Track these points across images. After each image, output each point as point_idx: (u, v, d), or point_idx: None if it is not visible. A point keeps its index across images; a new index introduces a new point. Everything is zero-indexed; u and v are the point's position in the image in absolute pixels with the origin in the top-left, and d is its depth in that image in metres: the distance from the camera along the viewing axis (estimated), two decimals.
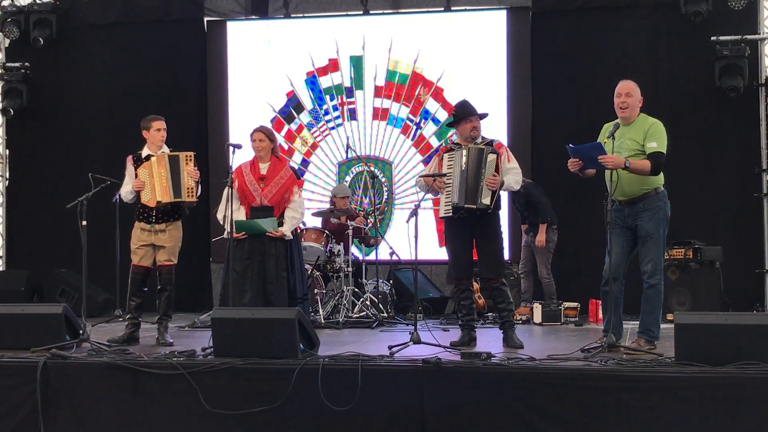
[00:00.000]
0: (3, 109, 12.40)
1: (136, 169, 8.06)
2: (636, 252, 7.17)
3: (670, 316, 8.85)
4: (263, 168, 8.27)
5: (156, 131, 8.11)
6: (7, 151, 12.82)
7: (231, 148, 7.83)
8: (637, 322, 7.25)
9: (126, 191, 8.11)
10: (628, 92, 7.11)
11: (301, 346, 6.51)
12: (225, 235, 8.17)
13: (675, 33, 11.35)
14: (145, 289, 8.13)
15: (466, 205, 7.48)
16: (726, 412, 5.66)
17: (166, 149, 8.13)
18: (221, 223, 8.27)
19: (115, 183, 8.09)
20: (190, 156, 8.00)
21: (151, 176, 7.96)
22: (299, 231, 9.66)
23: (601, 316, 9.42)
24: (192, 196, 7.97)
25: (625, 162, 6.83)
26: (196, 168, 7.99)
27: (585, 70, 11.49)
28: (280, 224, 8.19)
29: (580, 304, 10.27)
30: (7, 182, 12.82)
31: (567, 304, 10.12)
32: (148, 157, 8.06)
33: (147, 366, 6.43)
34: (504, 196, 8.98)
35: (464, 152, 7.55)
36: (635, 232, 7.08)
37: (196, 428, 6.29)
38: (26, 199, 12.71)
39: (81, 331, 7.27)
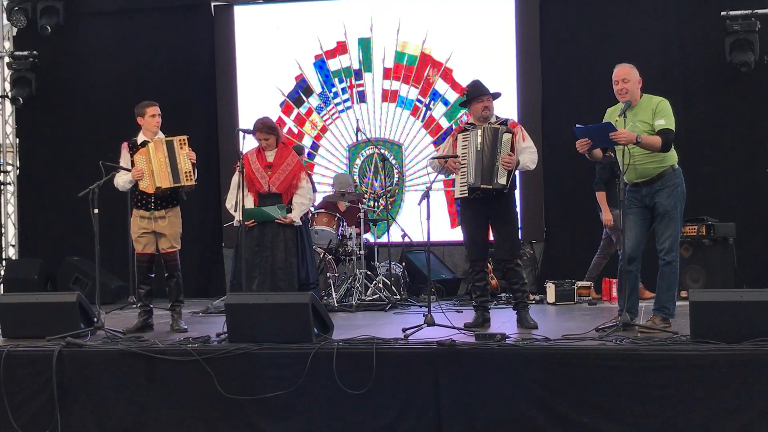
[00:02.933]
0: (12, 98, 12.43)
1: (132, 156, 8.00)
2: (653, 230, 7.14)
3: (684, 294, 8.82)
4: (270, 156, 8.26)
5: (150, 117, 8.00)
6: (18, 140, 12.85)
7: (241, 134, 7.80)
8: (651, 301, 7.22)
9: (124, 180, 7.97)
10: (624, 77, 7.02)
11: (315, 330, 6.51)
12: (234, 223, 8.16)
13: (685, 8, 11.28)
14: (152, 275, 8.08)
15: (482, 186, 7.43)
16: (742, 389, 5.64)
17: (161, 135, 8.02)
18: (230, 211, 8.26)
19: (127, 171, 8.03)
20: (184, 140, 7.91)
21: (148, 162, 7.86)
22: (310, 215, 9.69)
23: (615, 294, 9.46)
24: (190, 179, 7.88)
25: (637, 137, 6.79)
26: (191, 150, 7.93)
27: (595, 47, 11.42)
28: (289, 211, 8.18)
29: (593, 282, 10.25)
30: (18, 171, 12.85)
31: (580, 284, 10.08)
32: (143, 144, 7.97)
33: (162, 353, 6.44)
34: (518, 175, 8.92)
35: (479, 132, 7.50)
36: (653, 210, 7.04)
37: (212, 414, 6.30)
38: (38, 188, 12.73)
39: (95, 319, 7.27)
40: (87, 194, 7.42)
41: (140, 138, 8.05)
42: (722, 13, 10.88)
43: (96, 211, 7.38)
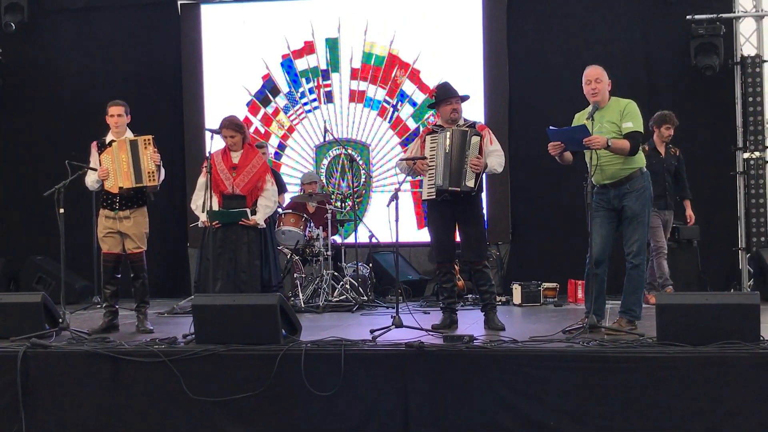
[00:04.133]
0: None
1: (100, 155, 7.94)
2: (620, 232, 7.18)
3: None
4: (235, 157, 8.19)
5: (110, 117, 7.94)
6: None
7: (209, 134, 7.74)
8: (618, 303, 7.27)
9: (92, 180, 7.93)
10: (597, 78, 7.07)
11: (283, 331, 6.48)
12: (199, 224, 8.13)
13: (651, 12, 11.38)
14: (118, 275, 8.02)
15: (450, 188, 7.45)
16: (708, 391, 5.68)
17: (129, 134, 7.97)
18: (195, 212, 8.20)
19: (94, 170, 7.95)
20: (149, 139, 7.86)
21: (113, 162, 7.82)
22: (278, 215, 9.66)
23: (581, 296, 9.50)
24: (153, 180, 7.82)
25: (608, 141, 6.83)
26: (156, 151, 7.86)
27: (561, 50, 11.49)
28: (253, 213, 8.14)
29: (559, 284, 10.29)
30: None
31: (546, 285, 10.13)
32: (111, 143, 7.92)
33: (128, 354, 6.38)
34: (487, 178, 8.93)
35: (448, 135, 7.51)
36: (620, 213, 7.08)
37: (179, 416, 6.25)
38: (1, 186, 12.58)
39: (60, 320, 7.20)
40: (53, 194, 7.34)
41: (108, 137, 8.00)
42: (687, 17, 10.98)
43: (62, 210, 7.31)
